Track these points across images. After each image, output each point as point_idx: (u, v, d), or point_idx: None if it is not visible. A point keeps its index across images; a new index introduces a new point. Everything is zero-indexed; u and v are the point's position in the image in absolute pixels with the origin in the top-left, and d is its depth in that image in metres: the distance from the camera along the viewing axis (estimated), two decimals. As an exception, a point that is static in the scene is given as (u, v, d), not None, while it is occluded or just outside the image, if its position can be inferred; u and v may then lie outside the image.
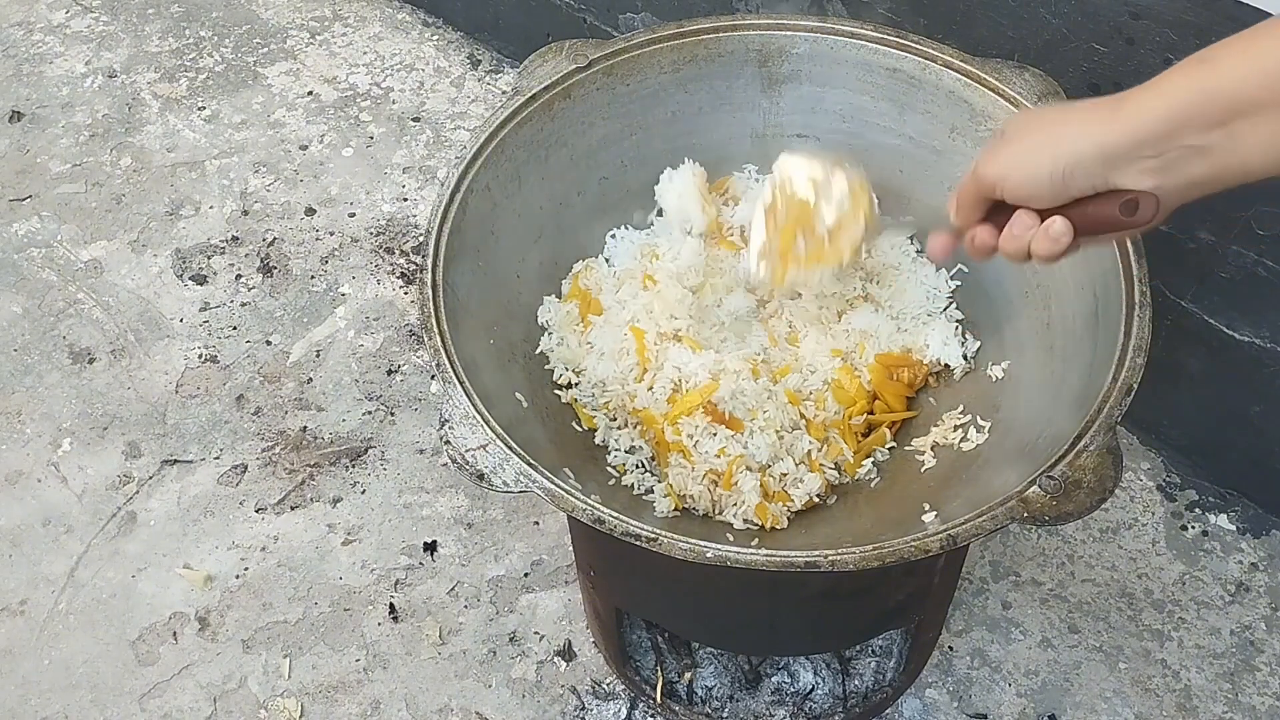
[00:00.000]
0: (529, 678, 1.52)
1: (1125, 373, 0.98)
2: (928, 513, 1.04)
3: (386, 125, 2.21)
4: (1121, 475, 0.94)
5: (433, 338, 1.03)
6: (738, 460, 1.11)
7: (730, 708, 1.45)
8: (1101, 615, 1.54)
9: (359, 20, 2.42)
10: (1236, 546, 1.60)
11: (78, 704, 1.52)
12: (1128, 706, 1.47)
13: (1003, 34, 1.46)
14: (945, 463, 1.15)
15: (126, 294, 1.96)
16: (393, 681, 1.52)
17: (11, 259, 2.01)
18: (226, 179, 2.13)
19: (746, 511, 1.12)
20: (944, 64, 1.19)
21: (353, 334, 1.89)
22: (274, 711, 1.50)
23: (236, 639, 1.57)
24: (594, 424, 1.18)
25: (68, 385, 1.84)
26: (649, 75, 1.24)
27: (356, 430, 1.77)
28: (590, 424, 1.18)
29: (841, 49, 1.23)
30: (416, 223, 2.05)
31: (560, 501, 0.95)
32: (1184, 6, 1.28)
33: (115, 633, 1.58)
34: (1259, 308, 1.45)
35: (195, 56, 2.35)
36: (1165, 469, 1.67)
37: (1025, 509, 0.92)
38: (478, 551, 1.64)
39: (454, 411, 0.99)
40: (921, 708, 1.48)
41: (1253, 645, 1.51)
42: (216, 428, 1.78)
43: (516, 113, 1.18)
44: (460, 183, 1.13)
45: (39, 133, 2.21)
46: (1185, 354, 1.55)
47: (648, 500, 1.14)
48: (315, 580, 1.62)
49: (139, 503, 1.70)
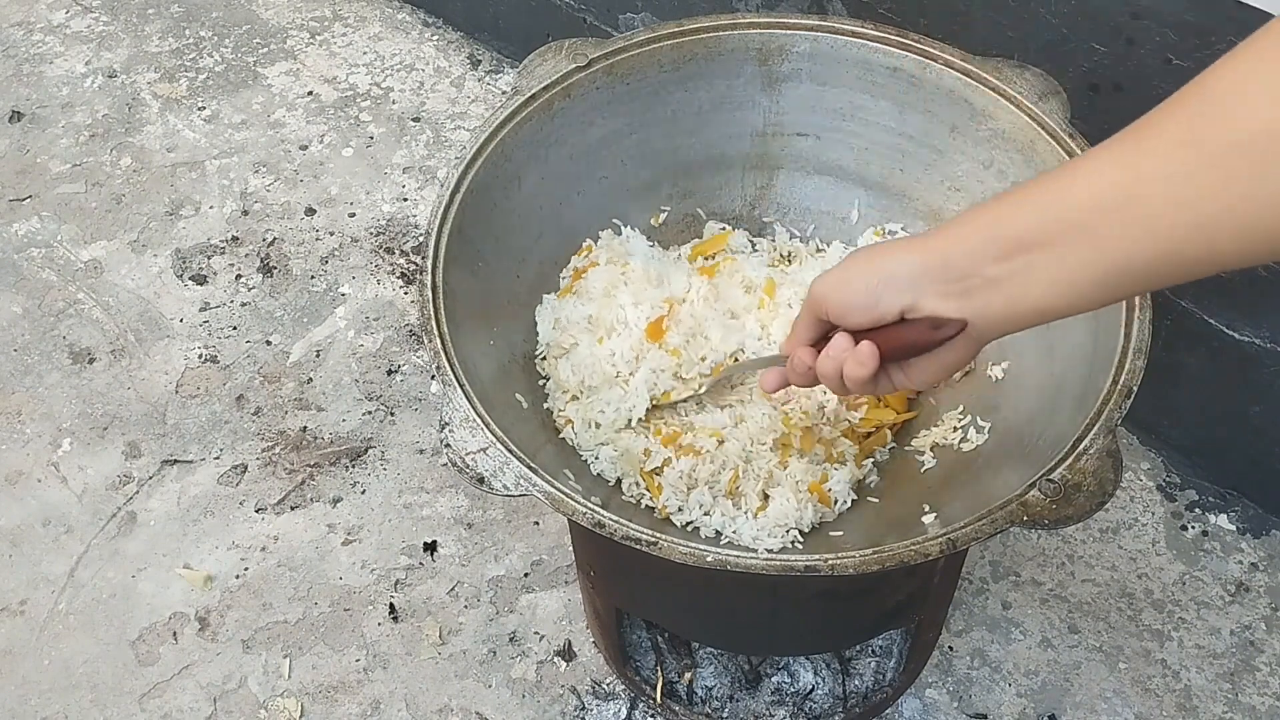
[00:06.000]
0: (529, 678, 1.52)
1: (1125, 375, 0.98)
2: (927, 514, 1.04)
3: (386, 125, 2.21)
4: (1121, 478, 0.94)
5: (433, 338, 1.03)
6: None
7: (730, 708, 1.45)
8: (1101, 615, 1.54)
9: (359, 20, 2.42)
10: (1236, 546, 1.60)
11: (78, 704, 1.52)
12: (1128, 706, 1.47)
13: (1003, 34, 1.46)
14: (945, 463, 1.15)
15: (126, 294, 1.96)
16: (393, 681, 1.52)
17: (11, 259, 2.01)
18: (226, 179, 2.13)
19: None
20: (944, 63, 1.19)
21: (353, 334, 1.89)
22: (274, 711, 1.50)
23: (236, 639, 1.57)
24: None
25: (68, 385, 1.84)
26: (649, 74, 1.24)
27: (356, 430, 1.77)
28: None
29: (842, 48, 1.23)
30: (416, 223, 2.05)
31: (560, 505, 0.95)
32: (1184, 6, 1.28)
33: (115, 633, 1.58)
34: (1259, 308, 1.45)
35: (195, 56, 2.35)
36: (1165, 469, 1.67)
37: (1025, 512, 0.92)
38: (478, 551, 1.64)
39: (454, 414, 0.99)
40: (921, 708, 1.48)
41: (1253, 645, 1.51)
42: (216, 428, 1.78)
43: (516, 112, 1.18)
44: (460, 183, 1.13)
45: (39, 133, 2.21)
46: (1185, 354, 1.55)
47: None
48: (315, 580, 1.62)
49: (139, 503, 1.70)
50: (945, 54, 1.19)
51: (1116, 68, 1.38)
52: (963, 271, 0.79)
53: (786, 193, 1.33)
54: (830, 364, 0.90)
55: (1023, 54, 1.44)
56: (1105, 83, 1.40)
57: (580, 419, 1.16)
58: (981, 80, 1.18)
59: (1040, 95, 1.15)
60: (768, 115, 1.28)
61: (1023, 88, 1.16)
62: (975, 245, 0.78)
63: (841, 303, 0.88)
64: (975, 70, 1.18)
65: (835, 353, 0.90)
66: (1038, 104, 1.15)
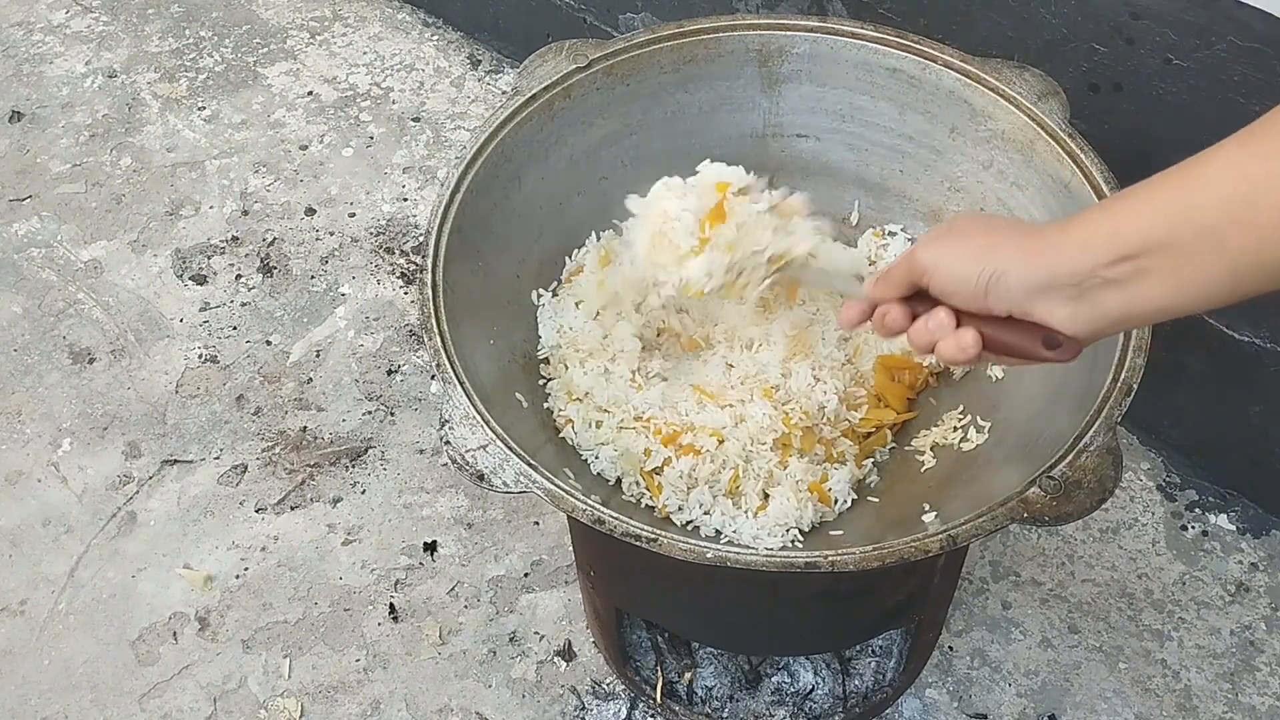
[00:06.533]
0: (529, 678, 1.52)
1: (1125, 373, 0.98)
2: (928, 513, 1.05)
3: (386, 125, 2.21)
4: (1121, 475, 0.94)
5: (433, 338, 1.03)
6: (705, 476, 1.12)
7: (730, 708, 1.45)
8: (1101, 615, 1.54)
9: (359, 20, 2.42)
10: (1236, 546, 1.60)
11: (78, 704, 1.52)
12: (1128, 706, 1.47)
13: (1003, 34, 1.46)
14: (945, 463, 1.15)
15: (126, 294, 1.96)
16: (393, 681, 1.52)
17: (11, 259, 2.01)
18: (226, 179, 2.13)
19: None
20: (944, 64, 1.19)
21: (353, 334, 1.90)
22: (274, 711, 1.50)
23: (236, 639, 1.57)
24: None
25: (68, 385, 1.84)
26: (649, 75, 1.24)
27: (356, 430, 1.77)
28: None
29: (841, 49, 1.23)
30: (416, 223, 2.05)
31: (560, 502, 0.95)
32: (1184, 6, 1.28)
33: (115, 633, 1.58)
34: (1259, 308, 1.45)
35: (195, 56, 2.35)
36: (1165, 469, 1.67)
37: (1025, 509, 0.92)
38: (478, 551, 1.64)
39: (454, 412, 0.99)
40: (921, 708, 1.48)
41: (1253, 645, 1.51)
42: (216, 428, 1.78)
43: (516, 113, 1.18)
44: (460, 183, 1.13)
45: (39, 133, 2.21)
46: (1185, 354, 1.55)
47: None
48: (315, 580, 1.62)
49: (139, 503, 1.70)
50: (945, 55, 1.19)
51: (1116, 68, 1.38)
52: (1079, 275, 0.78)
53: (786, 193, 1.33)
54: (926, 336, 0.88)
55: (1023, 54, 1.44)
56: (1105, 83, 1.40)
57: (580, 419, 1.16)
58: (981, 81, 1.18)
59: (1040, 95, 1.15)
60: (767, 116, 1.29)
61: (1022, 88, 1.16)
62: (1093, 248, 0.76)
63: (947, 284, 0.85)
64: (975, 71, 1.18)
65: (935, 327, 0.87)
66: (1037, 104, 1.15)
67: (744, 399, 1.16)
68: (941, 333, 0.87)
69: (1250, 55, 1.24)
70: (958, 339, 0.86)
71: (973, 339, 0.85)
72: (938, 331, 0.87)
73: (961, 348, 0.86)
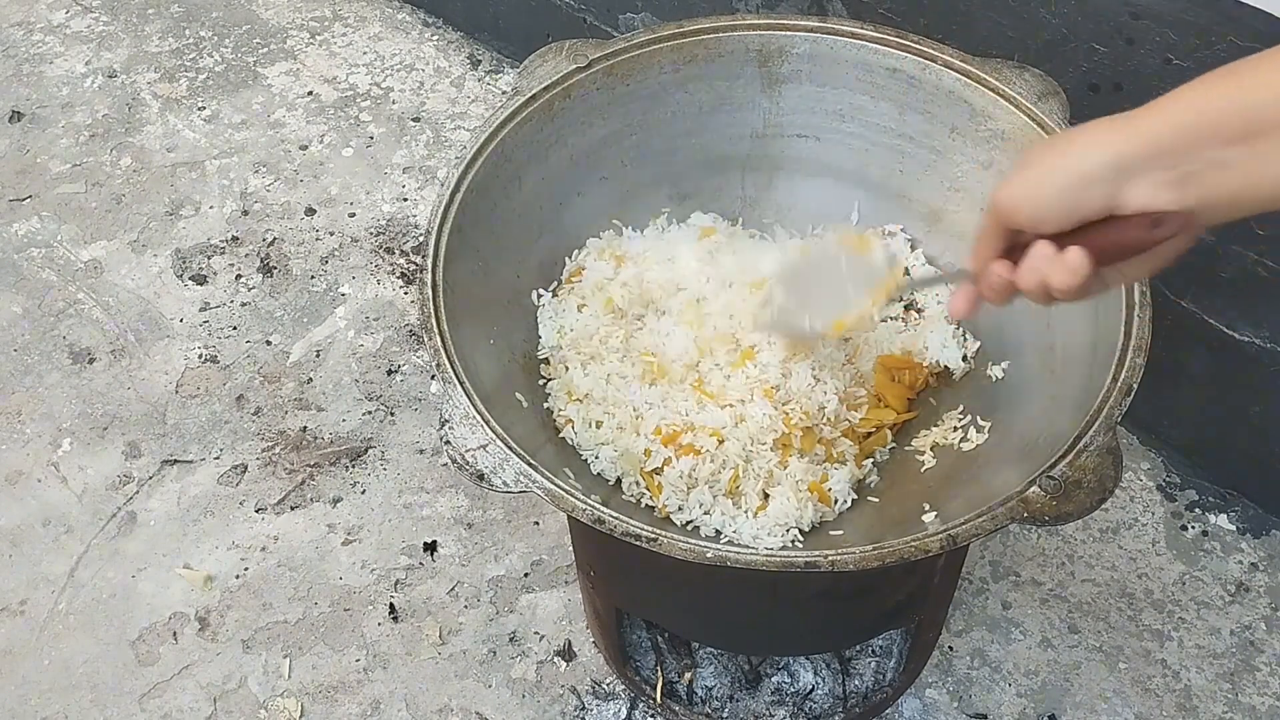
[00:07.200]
0: (529, 678, 1.52)
1: (1125, 373, 0.98)
2: (928, 513, 1.05)
3: (386, 125, 2.21)
4: (1121, 475, 0.94)
5: (433, 338, 1.03)
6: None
7: (730, 708, 1.45)
8: (1101, 615, 1.54)
9: (359, 20, 2.42)
10: (1236, 546, 1.60)
11: (78, 704, 1.52)
12: (1128, 706, 1.47)
13: (1003, 34, 1.46)
14: (945, 463, 1.15)
15: (126, 294, 1.96)
16: (393, 681, 1.52)
17: (11, 259, 2.01)
18: (226, 179, 2.13)
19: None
20: (944, 64, 1.19)
21: (353, 334, 1.90)
22: (274, 711, 1.50)
23: (236, 639, 1.57)
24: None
25: (68, 385, 1.84)
26: (649, 75, 1.24)
27: (356, 430, 1.77)
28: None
29: (841, 49, 1.23)
30: (416, 223, 2.05)
31: (560, 501, 0.95)
32: (1184, 6, 1.28)
33: (115, 633, 1.58)
34: (1259, 308, 1.45)
35: (195, 56, 2.35)
36: (1165, 469, 1.67)
37: (1025, 509, 0.92)
38: (478, 551, 1.64)
39: (454, 411, 0.99)
40: (921, 708, 1.48)
41: (1253, 645, 1.51)
42: (216, 428, 1.78)
43: (516, 113, 1.18)
44: (460, 183, 1.13)
45: (39, 133, 2.21)
46: (1185, 354, 1.55)
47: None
48: (315, 580, 1.62)
49: (139, 503, 1.70)
50: (945, 55, 1.19)
51: (1116, 68, 1.38)
52: (1182, 156, 0.71)
53: (786, 194, 1.33)
54: (1033, 276, 0.82)
55: (1023, 54, 1.44)
56: (1105, 83, 1.40)
57: (580, 419, 1.16)
58: (981, 81, 1.18)
59: (1040, 96, 1.15)
60: (767, 116, 1.29)
61: (1022, 88, 1.16)
62: (1198, 126, 0.70)
63: (1035, 211, 0.79)
64: (975, 71, 1.18)
65: (1039, 263, 0.81)
66: (1037, 104, 1.15)
67: (744, 399, 1.16)
68: (1047, 263, 0.81)
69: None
70: (1064, 262, 0.80)
71: (1078, 256, 0.79)
72: (1042, 263, 0.81)
73: (1071, 270, 0.79)
